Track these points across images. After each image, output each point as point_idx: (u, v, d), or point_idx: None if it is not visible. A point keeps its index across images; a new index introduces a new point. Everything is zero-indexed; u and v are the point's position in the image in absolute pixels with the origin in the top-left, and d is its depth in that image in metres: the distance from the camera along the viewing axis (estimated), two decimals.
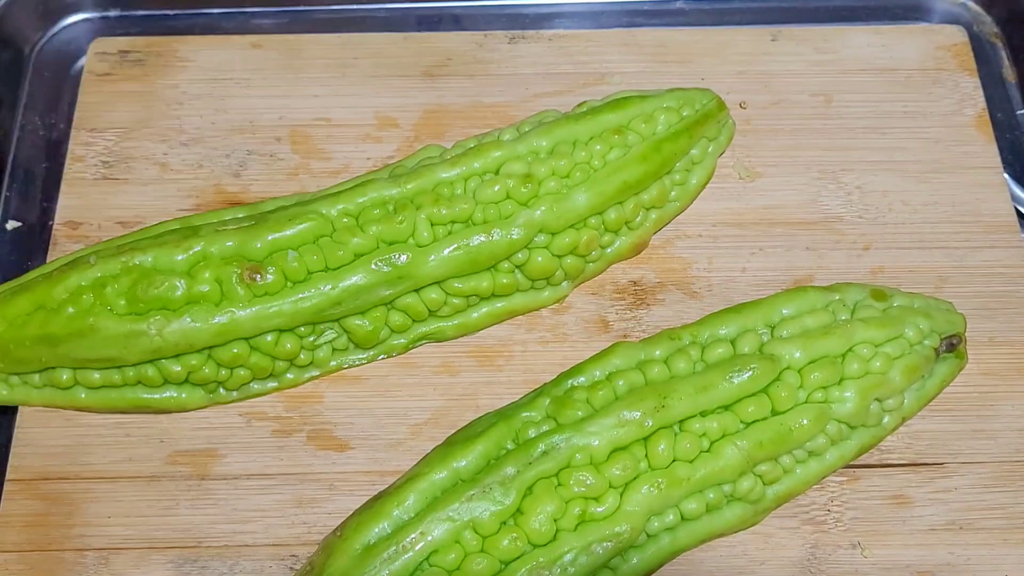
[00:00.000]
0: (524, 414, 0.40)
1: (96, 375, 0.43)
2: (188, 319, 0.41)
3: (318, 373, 0.45)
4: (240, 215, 0.45)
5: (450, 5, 0.58)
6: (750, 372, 0.40)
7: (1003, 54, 0.58)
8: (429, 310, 0.45)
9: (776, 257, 0.49)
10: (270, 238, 0.42)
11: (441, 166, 0.45)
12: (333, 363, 0.45)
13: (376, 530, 0.38)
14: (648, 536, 0.40)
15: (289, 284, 0.42)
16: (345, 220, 0.43)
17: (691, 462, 0.39)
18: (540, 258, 0.45)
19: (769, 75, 0.55)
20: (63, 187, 0.51)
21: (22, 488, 0.43)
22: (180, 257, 0.42)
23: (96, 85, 0.53)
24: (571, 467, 0.39)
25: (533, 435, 0.39)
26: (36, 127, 0.54)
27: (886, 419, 0.43)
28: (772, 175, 0.52)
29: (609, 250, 0.48)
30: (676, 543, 0.40)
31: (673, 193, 0.49)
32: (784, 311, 0.43)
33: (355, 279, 0.42)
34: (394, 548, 0.37)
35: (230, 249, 0.42)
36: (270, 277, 0.42)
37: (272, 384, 0.45)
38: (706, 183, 0.50)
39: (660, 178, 0.48)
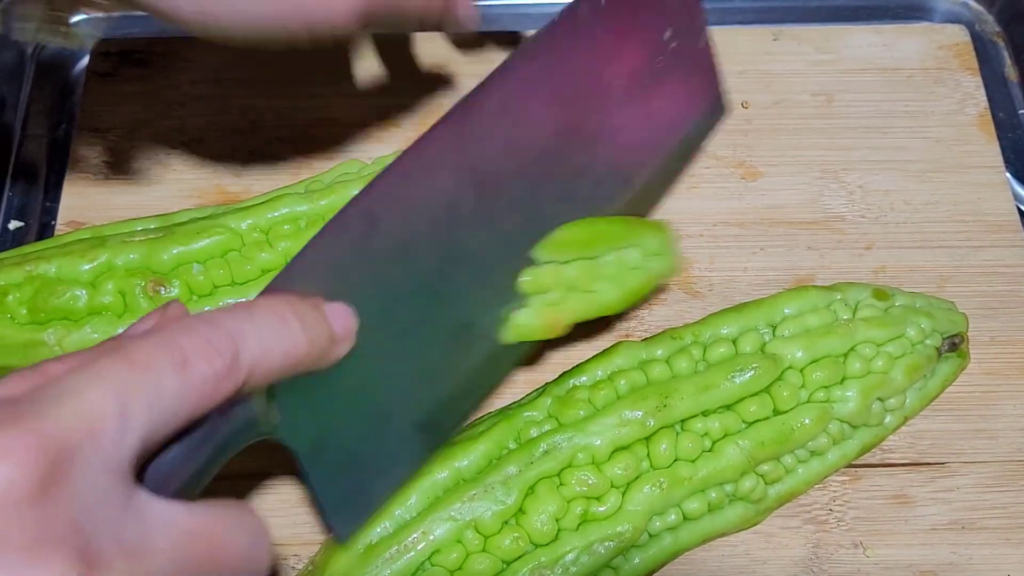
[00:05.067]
0: (526, 413, 0.40)
1: None
2: (89, 330, 0.40)
3: None
4: (152, 225, 0.44)
5: None
6: (752, 371, 0.40)
7: (1005, 53, 0.58)
8: None
9: (777, 257, 0.49)
10: (176, 251, 0.42)
11: (356, 183, 0.44)
12: None
13: (378, 529, 0.38)
14: (650, 535, 0.40)
15: (194, 298, 0.42)
16: (255, 235, 0.43)
17: (693, 462, 0.39)
18: None
19: (770, 74, 0.55)
20: (65, 187, 0.51)
21: None
22: (85, 267, 0.41)
23: (98, 85, 0.54)
24: (573, 466, 0.39)
25: (535, 434, 0.39)
26: (38, 127, 0.54)
27: (888, 418, 0.43)
28: (773, 175, 0.52)
29: None
30: (678, 543, 0.40)
31: None
32: (786, 310, 0.43)
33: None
34: (396, 547, 0.37)
35: (135, 261, 0.42)
36: (174, 291, 0.41)
37: None
38: None
39: None
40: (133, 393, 0.25)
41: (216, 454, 0.30)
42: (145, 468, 0.27)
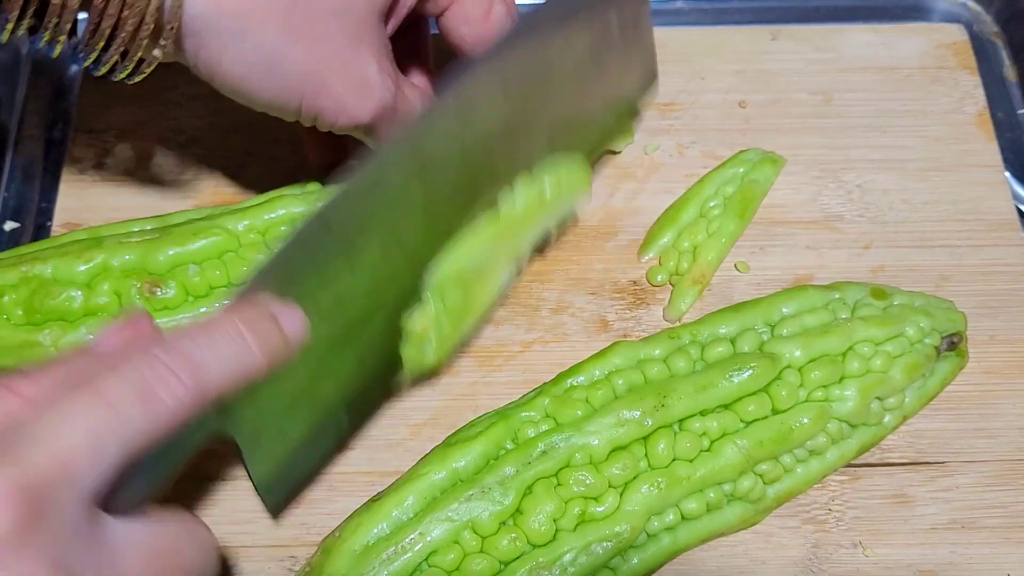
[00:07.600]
0: (523, 414, 0.40)
1: None
2: (85, 331, 0.41)
3: None
4: (148, 226, 0.44)
5: None
6: (750, 371, 0.40)
7: (1003, 53, 0.58)
8: None
9: (776, 256, 0.49)
10: (172, 252, 0.42)
11: None
12: None
13: (375, 531, 0.38)
14: (648, 536, 0.39)
15: (190, 299, 0.42)
16: (251, 236, 0.43)
17: (691, 461, 0.39)
18: None
19: (769, 74, 0.55)
20: (61, 188, 0.50)
21: None
22: (81, 268, 0.41)
23: (94, 86, 0.53)
24: (570, 467, 0.38)
25: (532, 435, 0.39)
26: (34, 127, 0.54)
27: (887, 418, 0.43)
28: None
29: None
30: (676, 543, 0.40)
31: None
32: (784, 310, 0.43)
33: None
34: (393, 549, 0.37)
35: (131, 262, 0.42)
36: (170, 292, 0.41)
37: None
38: None
39: None
40: (104, 430, 0.26)
41: (174, 463, 0.31)
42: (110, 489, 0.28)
